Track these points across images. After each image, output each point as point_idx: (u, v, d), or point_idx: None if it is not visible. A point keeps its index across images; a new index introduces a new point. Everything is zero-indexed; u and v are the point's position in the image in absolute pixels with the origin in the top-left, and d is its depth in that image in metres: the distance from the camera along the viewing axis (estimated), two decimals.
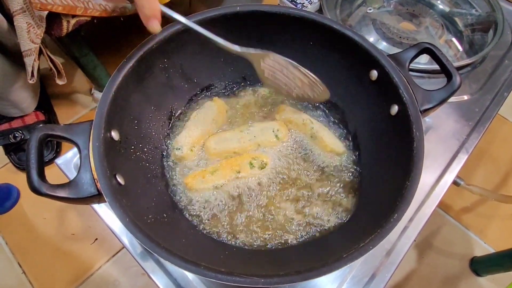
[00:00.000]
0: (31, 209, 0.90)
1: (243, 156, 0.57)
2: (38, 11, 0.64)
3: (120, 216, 0.38)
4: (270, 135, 0.58)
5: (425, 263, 0.88)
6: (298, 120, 0.60)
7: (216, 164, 0.56)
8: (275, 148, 0.58)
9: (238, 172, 0.55)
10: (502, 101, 0.76)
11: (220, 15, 0.54)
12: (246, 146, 0.57)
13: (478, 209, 0.95)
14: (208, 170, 0.55)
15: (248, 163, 0.55)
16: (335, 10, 0.88)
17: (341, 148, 0.58)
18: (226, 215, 0.53)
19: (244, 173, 0.55)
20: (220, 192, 0.54)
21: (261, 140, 0.58)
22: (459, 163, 0.66)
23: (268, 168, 0.56)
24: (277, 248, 0.50)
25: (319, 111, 0.64)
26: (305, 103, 0.64)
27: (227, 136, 0.58)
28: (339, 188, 0.55)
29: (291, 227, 0.52)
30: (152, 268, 0.54)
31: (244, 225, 0.52)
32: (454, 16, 0.91)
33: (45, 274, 0.82)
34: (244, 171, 0.55)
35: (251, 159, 0.56)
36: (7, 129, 0.90)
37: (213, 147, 0.57)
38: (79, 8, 0.66)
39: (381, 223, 0.39)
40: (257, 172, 0.55)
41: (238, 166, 0.55)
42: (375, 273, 0.54)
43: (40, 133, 0.41)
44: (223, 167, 0.55)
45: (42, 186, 0.38)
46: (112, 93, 0.45)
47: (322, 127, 0.60)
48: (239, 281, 0.35)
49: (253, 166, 0.55)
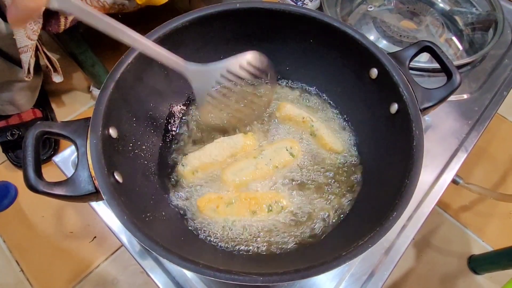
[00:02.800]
0: (29, 207, 0.90)
1: (263, 196, 0.53)
2: None
3: (118, 214, 0.38)
4: (285, 154, 0.56)
5: (423, 261, 0.88)
6: (298, 117, 0.60)
7: (232, 194, 0.53)
8: (291, 166, 0.56)
9: (254, 213, 0.51)
10: (501, 100, 0.76)
11: (220, 12, 0.53)
12: (265, 171, 0.55)
13: (476, 207, 0.96)
14: (223, 199, 0.52)
15: (267, 206, 0.52)
16: (335, 8, 0.88)
17: (340, 146, 0.58)
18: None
19: (260, 216, 0.51)
20: (229, 221, 0.52)
21: (277, 161, 0.55)
22: (458, 162, 0.66)
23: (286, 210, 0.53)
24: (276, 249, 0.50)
25: (316, 107, 0.63)
26: (305, 101, 0.64)
27: (242, 165, 0.55)
28: (337, 187, 0.55)
29: (291, 229, 0.51)
30: (150, 267, 0.54)
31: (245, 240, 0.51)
32: (454, 15, 0.91)
33: (43, 272, 0.82)
34: (260, 214, 0.51)
35: (270, 202, 0.52)
36: (4, 126, 0.89)
37: (231, 179, 0.54)
38: None
39: (380, 221, 0.38)
40: (274, 215, 0.52)
41: (256, 206, 0.51)
42: (373, 271, 0.54)
43: (37, 130, 0.40)
44: (240, 203, 0.52)
45: (39, 184, 0.38)
46: (110, 90, 0.45)
47: (322, 125, 0.60)
48: (238, 279, 0.34)
49: (271, 210, 0.51)
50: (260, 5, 0.54)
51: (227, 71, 0.49)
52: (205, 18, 0.53)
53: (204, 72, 0.49)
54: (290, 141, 0.58)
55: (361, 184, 0.54)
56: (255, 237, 0.50)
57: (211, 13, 0.53)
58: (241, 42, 0.51)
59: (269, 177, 0.55)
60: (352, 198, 0.53)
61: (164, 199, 0.52)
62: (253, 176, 0.54)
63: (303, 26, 0.56)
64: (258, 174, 0.54)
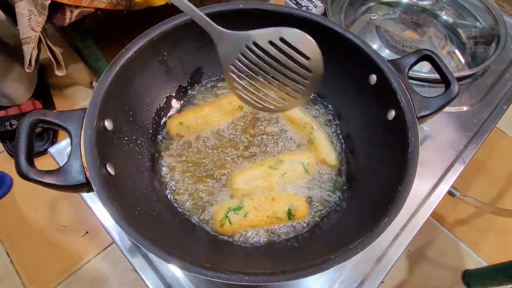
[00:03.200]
0: (23, 198, 0.90)
1: (280, 201, 0.51)
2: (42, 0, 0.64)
3: (107, 206, 0.37)
4: (300, 169, 0.55)
5: (417, 273, 0.87)
6: (300, 121, 0.60)
7: (246, 202, 0.51)
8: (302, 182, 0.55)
9: (276, 219, 0.51)
10: (501, 114, 0.75)
11: (221, 12, 0.53)
12: (274, 185, 0.54)
13: (473, 221, 0.95)
14: (240, 215, 0.50)
15: (286, 213, 0.51)
16: (339, 15, 0.89)
17: (333, 161, 0.57)
18: None
19: (278, 224, 0.51)
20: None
21: (290, 177, 0.55)
22: (455, 173, 0.65)
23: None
24: (265, 245, 0.49)
25: (315, 110, 0.63)
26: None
27: (255, 173, 0.54)
28: (330, 191, 0.55)
29: (280, 227, 0.51)
30: (140, 264, 0.54)
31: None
32: (457, 28, 0.91)
33: (33, 265, 0.81)
34: (281, 221, 0.51)
35: (289, 207, 0.51)
36: (3, 116, 0.90)
37: (241, 186, 0.53)
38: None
39: (371, 227, 0.38)
40: (292, 221, 0.52)
41: (275, 213, 0.51)
42: (364, 279, 0.53)
43: (32, 118, 0.40)
44: (258, 214, 0.50)
45: (30, 171, 0.38)
46: (109, 82, 0.45)
47: (321, 134, 0.59)
48: (223, 277, 0.34)
49: (292, 217, 0.51)
50: (262, 7, 0.54)
51: (253, 43, 0.42)
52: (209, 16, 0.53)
53: (229, 38, 0.43)
54: (308, 156, 0.57)
55: (354, 188, 0.54)
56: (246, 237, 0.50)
57: (213, 12, 0.53)
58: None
59: (276, 188, 0.55)
60: (344, 203, 0.53)
61: (155, 195, 0.52)
62: (262, 188, 0.54)
63: (305, 29, 0.56)
64: (268, 186, 0.54)
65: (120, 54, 0.48)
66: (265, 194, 0.53)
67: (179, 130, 0.58)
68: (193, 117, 0.59)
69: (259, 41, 0.42)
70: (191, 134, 0.59)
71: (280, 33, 0.41)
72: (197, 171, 0.56)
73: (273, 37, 0.42)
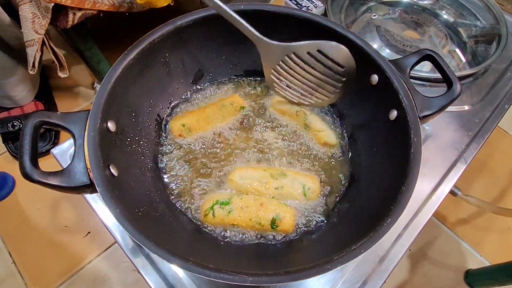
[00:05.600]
0: (26, 199, 0.90)
1: (267, 209, 0.50)
2: (45, 2, 0.64)
3: (111, 207, 0.38)
4: (298, 190, 0.53)
5: (419, 273, 0.87)
6: (292, 110, 0.60)
7: (234, 199, 0.51)
8: (298, 204, 0.54)
9: (259, 224, 0.50)
10: (502, 113, 0.75)
11: None
12: (267, 193, 0.53)
13: (475, 221, 0.95)
14: (225, 210, 0.50)
15: (270, 222, 0.50)
16: (339, 15, 0.89)
17: (334, 139, 0.57)
18: None
19: (260, 230, 0.51)
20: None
21: (286, 192, 0.53)
22: (457, 173, 0.65)
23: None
24: (267, 244, 0.49)
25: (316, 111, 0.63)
26: None
27: (255, 175, 0.54)
28: (330, 192, 0.55)
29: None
30: (142, 264, 0.54)
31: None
32: (458, 27, 0.91)
33: (35, 265, 0.82)
34: (263, 228, 0.50)
35: (274, 216, 0.49)
36: (6, 117, 0.90)
37: (236, 180, 0.54)
38: (87, 1, 0.66)
39: (374, 227, 0.38)
40: (275, 231, 0.51)
41: (259, 219, 0.50)
42: (367, 279, 0.53)
43: (36, 120, 0.41)
44: (242, 214, 0.50)
45: (34, 173, 0.38)
46: (111, 84, 0.45)
47: (316, 117, 0.60)
48: (227, 278, 0.34)
49: (276, 227, 0.50)
50: (264, 8, 0.55)
51: (294, 53, 0.50)
52: (208, 18, 0.54)
53: (272, 48, 0.50)
54: (313, 181, 0.54)
55: (356, 189, 0.54)
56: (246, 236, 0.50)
57: (215, 13, 0.53)
58: (243, 43, 0.51)
59: (268, 195, 0.53)
60: (346, 203, 0.53)
61: (158, 196, 0.52)
62: (256, 191, 0.53)
63: (306, 30, 0.56)
64: (261, 191, 0.53)
65: (122, 56, 0.48)
66: (256, 197, 0.52)
67: (181, 131, 0.58)
68: (195, 118, 0.59)
69: (299, 52, 0.49)
70: (193, 135, 0.59)
71: (318, 46, 0.49)
72: (199, 172, 0.56)
73: (312, 49, 0.49)
